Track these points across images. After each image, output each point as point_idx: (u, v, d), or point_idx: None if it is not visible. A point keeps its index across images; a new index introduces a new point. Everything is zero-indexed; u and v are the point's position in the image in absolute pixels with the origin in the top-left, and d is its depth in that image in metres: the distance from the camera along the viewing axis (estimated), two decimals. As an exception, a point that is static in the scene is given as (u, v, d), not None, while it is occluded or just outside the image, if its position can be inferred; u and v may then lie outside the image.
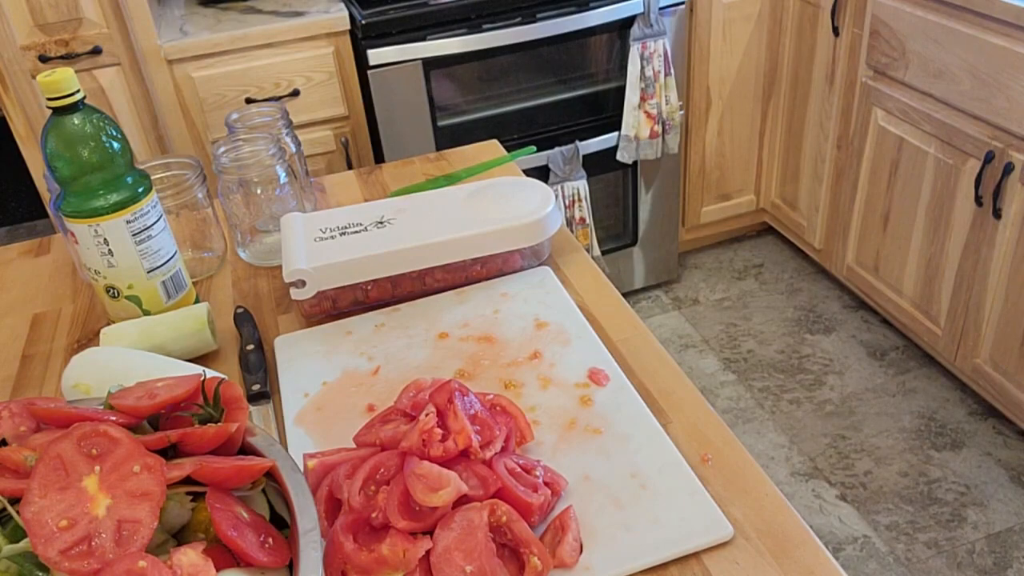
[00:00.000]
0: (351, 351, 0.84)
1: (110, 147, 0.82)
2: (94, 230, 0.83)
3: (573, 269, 0.95)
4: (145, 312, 0.89)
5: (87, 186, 0.82)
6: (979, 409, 1.99)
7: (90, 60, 1.90)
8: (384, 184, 1.21)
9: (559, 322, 0.85)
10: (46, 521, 0.46)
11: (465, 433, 0.63)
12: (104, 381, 0.75)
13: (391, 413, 0.70)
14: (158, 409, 0.56)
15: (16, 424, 0.56)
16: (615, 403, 0.74)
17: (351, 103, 2.06)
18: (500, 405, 0.70)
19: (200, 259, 1.03)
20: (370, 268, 0.88)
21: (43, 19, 1.85)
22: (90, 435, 0.50)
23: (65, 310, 1.00)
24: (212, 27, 1.95)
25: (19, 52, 1.87)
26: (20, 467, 0.51)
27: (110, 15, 1.88)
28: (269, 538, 0.51)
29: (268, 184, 0.99)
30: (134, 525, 0.47)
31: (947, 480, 1.84)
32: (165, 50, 1.89)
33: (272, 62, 1.90)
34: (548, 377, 0.78)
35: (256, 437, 0.57)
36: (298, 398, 0.79)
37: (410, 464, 0.60)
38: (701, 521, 0.62)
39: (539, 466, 0.66)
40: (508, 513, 0.60)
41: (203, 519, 0.52)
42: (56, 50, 1.88)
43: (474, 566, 0.56)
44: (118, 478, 0.48)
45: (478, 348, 0.83)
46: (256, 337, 0.87)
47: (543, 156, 2.12)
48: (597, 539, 0.62)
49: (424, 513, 0.59)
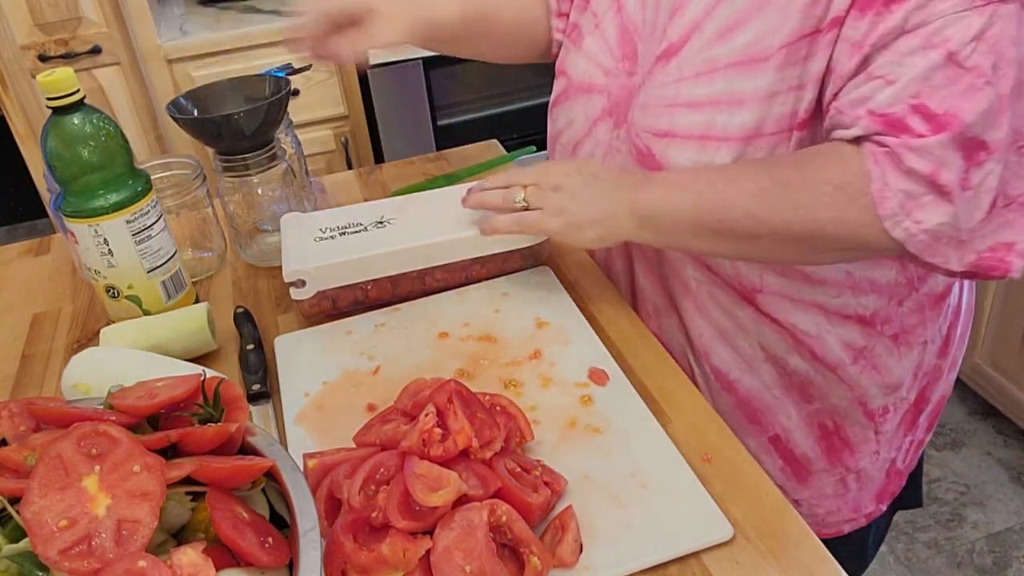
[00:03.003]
0: (351, 351, 0.84)
1: (110, 147, 0.82)
2: (94, 230, 0.83)
3: (573, 269, 0.95)
4: (145, 312, 0.89)
5: (87, 186, 0.82)
6: (979, 409, 1.99)
7: (90, 60, 1.91)
8: (384, 184, 1.21)
9: (559, 322, 0.85)
10: (46, 521, 0.46)
11: (465, 433, 0.63)
12: (104, 381, 0.75)
13: (391, 413, 0.70)
14: (158, 409, 0.56)
15: (16, 424, 0.56)
16: (615, 402, 0.74)
17: (351, 102, 2.06)
18: (500, 405, 0.70)
19: (200, 259, 1.03)
20: (370, 268, 0.88)
21: (43, 18, 1.85)
22: (90, 435, 0.50)
23: (65, 310, 1.00)
24: (212, 26, 1.95)
25: (19, 51, 1.87)
26: (20, 467, 0.51)
27: (110, 14, 1.88)
28: (269, 538, 0.51)
29: (268, 184, 0.99)
30: (134, 525, 0.47)
31: (947, 480, 1.84)
32: (165, 49, 1.89)
33: (272, 61, 1.90)
34: (548, 377, 0.78)
35: (256, 437, 0.57)
36: (298, 398, 0.79)
37: (410, 464, 0.60)
38: (701, 521, 0.62)
39: (539, 466, 0.66)
40: (508, 513, 0.60)
41: (203, 519, 0.51)
42: (56, 49, 1.88)
43: (474, 566, 0.56)
44: (118, 478, 0.48)
45: (478, 348, 0.83)
46: (256, 337, 0.87)
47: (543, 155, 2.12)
48: (597, 539, 0.62)
49: (424, 513, 0.59)
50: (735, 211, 0.72)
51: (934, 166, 0.65)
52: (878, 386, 0.86)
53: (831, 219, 0.69)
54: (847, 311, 0.82)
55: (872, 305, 0.82)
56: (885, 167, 0.67)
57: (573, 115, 0.92)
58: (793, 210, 0.70)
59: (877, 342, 0.84)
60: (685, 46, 0.77)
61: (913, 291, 0.82)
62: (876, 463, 0.92)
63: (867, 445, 0.90)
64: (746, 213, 0.72)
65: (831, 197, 0.69)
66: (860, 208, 0.68)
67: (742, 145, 0.75)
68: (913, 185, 0.66)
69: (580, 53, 0.91)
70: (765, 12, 0.72)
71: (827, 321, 0.82)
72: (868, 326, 0.83)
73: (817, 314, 0.82)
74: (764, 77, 0.73)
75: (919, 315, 0.84)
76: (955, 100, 0.64)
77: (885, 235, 0.68)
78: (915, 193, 0.66)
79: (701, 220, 0.74)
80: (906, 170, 0.66)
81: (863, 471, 0.91)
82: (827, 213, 0.69)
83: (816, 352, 0.84)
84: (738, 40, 0.74)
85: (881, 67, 0.67)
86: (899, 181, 0.66)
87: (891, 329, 0.83)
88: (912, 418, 0.92)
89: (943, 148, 0.65)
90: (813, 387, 0.86)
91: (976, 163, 0.65)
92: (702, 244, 0.76)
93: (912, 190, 0.66)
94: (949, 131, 0.64)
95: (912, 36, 0.65)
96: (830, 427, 0.89)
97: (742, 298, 0.83)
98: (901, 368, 0.86)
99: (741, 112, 0.74)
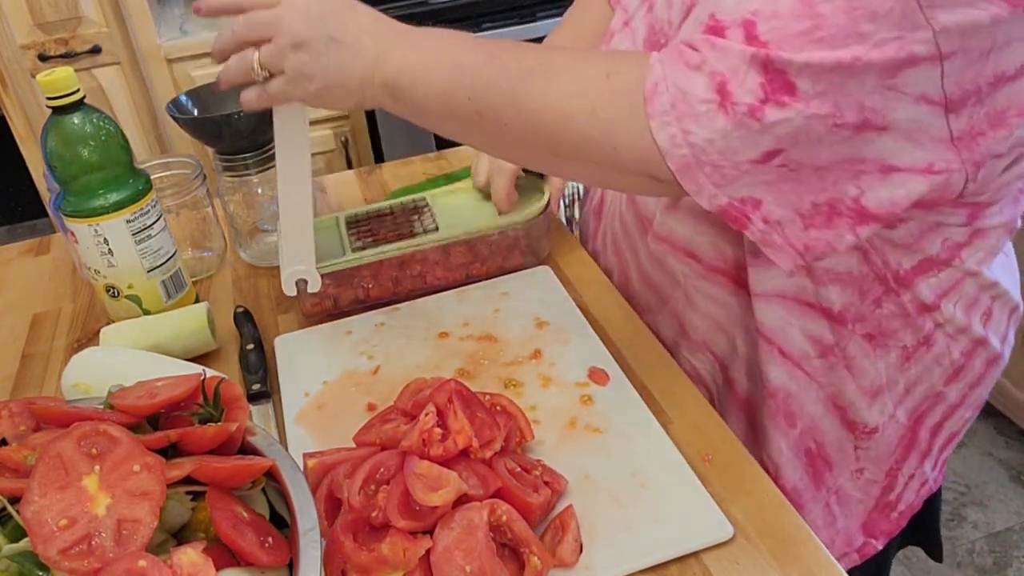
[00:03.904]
0: (351, 350, 0.84)
1: (110, 147, 0.82)
2: (94, 230, 0.83)
3: (573, 269, 0.95)
4: (145, 312, 0.89)
5: (87, 186, 0.82)
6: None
7: (90, 59, 1.90)
8: (384, 184, 1.21)
9: (559, 321, 0.85)
10: (46, 520, 0.46)
11: (465, 433, 0.63)
12: (104, 381, 0.75)
13: (391, 412, 0.70)
14: (158, 409, 0.56)
15: (16, 424, 0.56)
16: (615, 402, 0.74)
17: (351, 102, 2.05)
18: (500, 404, 0.70)
19: (200, 259, 1.03)
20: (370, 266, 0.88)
21: (43, 18, 1.84)
22: (90, 434, 0.50)
23: (65, 310, 1.00)
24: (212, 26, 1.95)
25: (19, 51, 1.87)
26: (20, 467, 0.51)
27: (110, 14, 1.88)
28: (269, 537, 0.51)
29: (268, 184, 0.99)
30: (134, 524, 0.47)
31: (947, 480, 1.84)
32: (165, 49, 1.89)
33: (272, 61, 1.90)
34: (548, 376, 0.78)
35: (256, 436, 0.57)
36: (298, 397, 0.79)
37: (410, 464, 0.60)
38: (701, 521, 0.62)
39: (539, 466, 0.66)
40: (508, 512, 0.60)
41: (203, 518, 0.52)
42: (56, 49, 1.88)
43: (474, 565, 0.56)
44: (118, 477, 0.48)
45: (478, 347, 0.83)
46: (256, 337, 0.87)
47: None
48: (597, 538, 0.62)
49: (424, 513, 0.59)
50: (491, 92, 0.64)
51: (728, 72, 0.57)
52: (854, 389, 0.79)
53: (585, 108, 0.61)
54: (807, 298, 0.75)
55: (838, 299, 0.75)
56: (672, 64, 0.60)
57: None
58: (553, 95, 0.62)
59: (849, 342, 0.77)
60: None
61: (891, 292, 0.74)
62: (858, 483, 0.85)
63: (845, 460, 0.84)
64: (502, 95, 0.63)
65: (597, 84, 0.61)
66: (626, 101, 0.60)
67: None
68: (696, 87, 0.58)
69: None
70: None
71: (786, 311, 0.76)
72: (837, 323, 0.76)
73: (778, 305, 0.76)
74: None
75: (902, 320, 0.76)
76: (788, 36, 0.56)
77: (644, 138, 0.60)
78: (694, 97, 0.58)
79: (452, 98, 0.65)
80: (694, 65, 0.58)
81: (842, 490, 0.85)
82: (583, 101, 0.61)
83: (784, 350, 0.78)
84: None
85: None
86: (681, 77, 0.59)
87: (864, 328, 0.76)
88: (907, 445, 0.84)
89: (745, 61, 0.57)
90: (792, 401, 0.80)
91: (776, 101, 0.57)
92: (452, 126, 0.68)
93: (692, 92, 0.58)
94: (764, 51, 0.56)
95: None
96: (813, 450, 0.83)
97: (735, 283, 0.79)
98: (876, 370, 0.78)
99: None
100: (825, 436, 0.83)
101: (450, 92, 0.65)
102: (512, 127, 0.65)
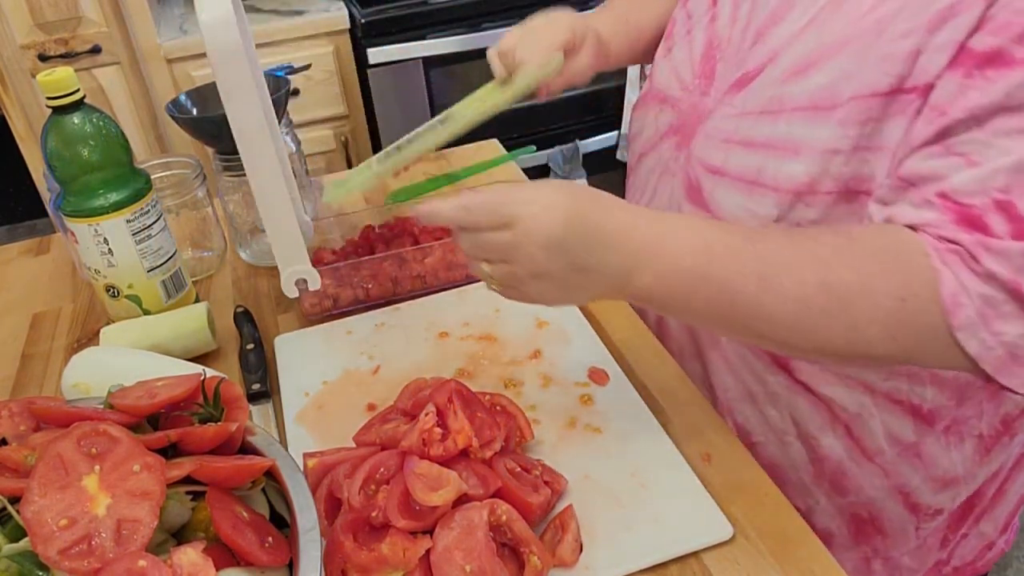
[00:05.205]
0: (351, 350, 0.84)
1: (110, 147, 0.82)
2: (94, 230, 0.83)
3: (573, 268, 0.95)
4: (145, 311, 0.89)
5: (87, 185, 0.82)
6: (979, 408, 1.99)
7: (89, 59, 1.90)
8: (384, 184, 1.20)
9: (559, 321, 0.85)
10: (46, 520, 0.46)
11: (465, 433, 0.63)
12: (104, 381, 0.75)
13: (391, 412, 0.70)
14: (158, 408, 0.56)
15: (16, 424, 0.56)
16: (615, 402, 0.74)
17: (351, 102, 2.06)
18: (500, 404, 0.70)
19: (200, 258, 1.03)
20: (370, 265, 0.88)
21: (42, 18, 1.84)
22: (90, 434, 0.50)
23: (65, 309, 1.00)
24: (212, 26, 1.95)
25: (19, 51, 1.86)
26: (20, 467, 0.51)
27: (110, 14, 1.88)
28: (269, 537, 0.51)
29: (268, 183, 0.99)
30: (134, 524, 0.47)
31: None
32: (165, 49, 1.89)
33: (272, 61, 1.90)
34: (548, 376, 0.78)
35: (256, 436, 0.57)
36: (298, 397, 0.79)
37: (410, 463, 0.60)
38: (701, 520, 0.62)
39: (539, 465, 0.66)
40: (508, 512, 0.60)
41: (203, 518, 0.52)
42: (56, 49, 1.88)
43: (474, 565, 0.56)
44: (118, 477, 0.48)
45: (478, 347, 0.83)
46: (256, 336, 0.87)
47: (543, 155, 2.12)
48: (597, 538, 0.62)
49: (424, 512, 0.59)
50: (770, 323, 0.58)
51: (1015, 274, 0.53)
52: (922, 478, 0.75)
53: (881, 336, 0.57)
54: (898, 396, 0.71)
55: (931, 399, 0.70)
56: (958, 269, 0.55)
57: (645, 123, 0.88)
58: (843, 328, 0.57)
59: (929, 438, 0.73)
60: (758, 77, 0.69)
61: (995, 398, 0.71)
62: (915, 556, 0.80)
63: (905, 538, 0.79)
64: (786, 328, 0.58)
65: (893, 312, 0.56)
66: (925, 321, 0.56)
67: (791, 199, 0.66)
68: (993, 291, 0.54)
69: (667, 59, 0.85)
70: (843, 53, 0.62)
71: (872, 403, 0.72)
72: (924, 422, 0.71)
73: (863, 393, 0.72)
74: (826, 129, 0.63)
75: (976, 407, 0.72)
76: None
77: (953, 349, 0.56)
78: (995, 301, 0.54)
79: (714, 323, 0.62)
80: (985, 273, 0.54)
81: (892, 559, 0.80)
82: (879, 329, 0.57)
83: (853, 431, 0.73)
84: (812, 81, 0.64)
85: (965, 144, 0.55)
86: (978, 285, 0.54)
87: (943, 423, 0.72)
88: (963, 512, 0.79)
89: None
90: (847, 479, 0.75)
91: None
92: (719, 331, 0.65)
93: (992, 297, 0.54)
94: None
95: (1012, 116, 0.53)
96: (864, 516, 0.78)
97: (776, 364, 0.74)
98: (951, 460, 0.74)
99: (794, 162, 0.65)
100: (883, 513, 0.78)
101: (712, 317, 0.60)
102: (790, 347, 0.61)
